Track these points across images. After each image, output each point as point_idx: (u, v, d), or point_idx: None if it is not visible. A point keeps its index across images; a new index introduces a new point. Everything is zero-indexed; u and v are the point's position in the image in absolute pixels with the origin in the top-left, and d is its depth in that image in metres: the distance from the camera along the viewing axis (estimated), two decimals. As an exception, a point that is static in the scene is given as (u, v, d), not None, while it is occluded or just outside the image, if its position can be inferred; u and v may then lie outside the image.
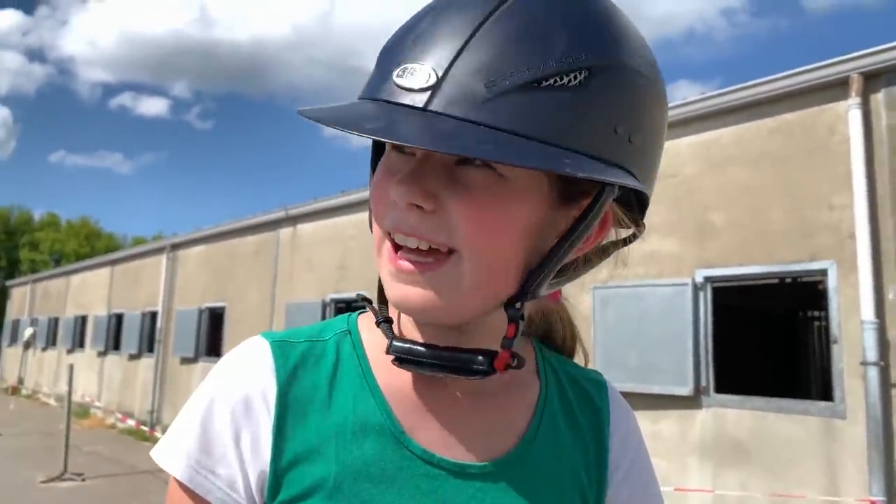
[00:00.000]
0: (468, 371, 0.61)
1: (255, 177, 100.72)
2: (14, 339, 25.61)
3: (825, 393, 5.13)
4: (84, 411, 15.36)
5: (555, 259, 0.60)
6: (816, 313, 9.68)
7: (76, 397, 11.69)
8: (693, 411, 5.72)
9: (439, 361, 0.62)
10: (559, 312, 0.79)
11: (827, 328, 5.25)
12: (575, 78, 0.54)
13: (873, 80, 5.07)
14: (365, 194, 9.56)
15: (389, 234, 0.60)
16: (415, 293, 0.59)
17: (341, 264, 9.90)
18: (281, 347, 0.65)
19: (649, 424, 5.80)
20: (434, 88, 0.53)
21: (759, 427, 5.28)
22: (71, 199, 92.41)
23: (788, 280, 6.70)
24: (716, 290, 5.84)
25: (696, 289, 5.80)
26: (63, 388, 11.75)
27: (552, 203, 0.60)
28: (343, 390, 0.65)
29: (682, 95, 8.19)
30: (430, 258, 0.58)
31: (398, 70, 0.55)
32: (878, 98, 5.06)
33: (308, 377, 0.65)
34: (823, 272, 5.18)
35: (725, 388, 5.77)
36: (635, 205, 0.66)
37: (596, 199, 0.59)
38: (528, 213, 0.59)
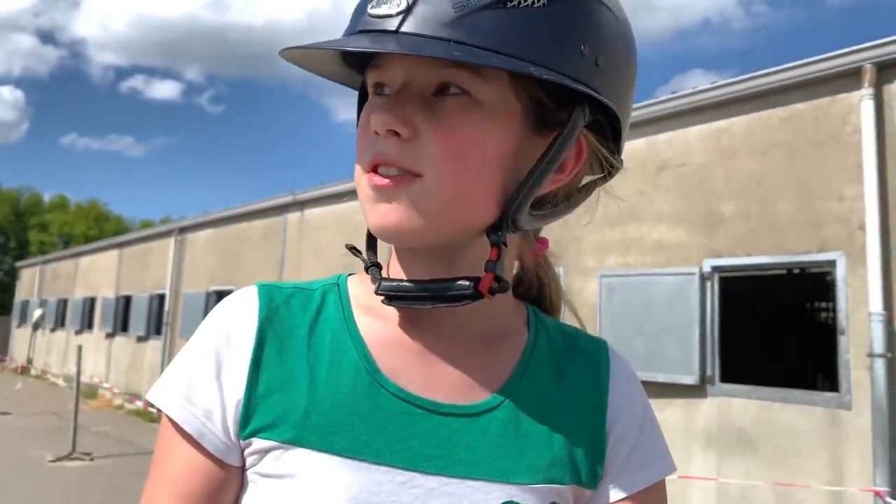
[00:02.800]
0: (454, 297, 0.62)
1: (264, 161, 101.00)
2: (23, 320, 25.80)
3: (831, 384, 5.13)
4: (92, 392, 15.50)
5: (530, 182, 0.61)
6: (824, 304, 9.66)
7: (84, 378, 11.78)
8: (698, 400, 5.73)
9: (425, 293, 0.63)
10: (546, 269, 0.79)
11: (834, 319, 5.24)
12: (539, 0, 0.57)
13: (886, 70, 5.02)
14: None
15: (370, 171, 0.62)
16: (390, 211, 0.60)
17: (348, 249, 9.91)
18: (268, 290, 0.69)
19: (655, 412, 5.80)
20: (406, 12, 0.57)
21: (765, 417, 5.29)
22: (81, 182, 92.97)
23: (797, 271, 6.69)
24: (723, 280, 5.83)
25: (704, 278, 5.80)
26: (71, 368, 11.85)
27: (527, 131, 0.62)
28: (322, 332, 0.66)
29: (693, 85, 8.14)
30: (402, 179, 0.61)
31: (373, 2, 0.59)
32: (891, 89, 5.02)
33: (289, 317, 0.67)
34: (832, 263, 5.16)
35: (731, 378, 5.78)
36: (610, 136, 0.67)
37: (567, 121, 0.61)
38: (502, 139, 0.61)
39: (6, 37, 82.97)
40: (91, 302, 19.32)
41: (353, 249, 0.74)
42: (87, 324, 19.23)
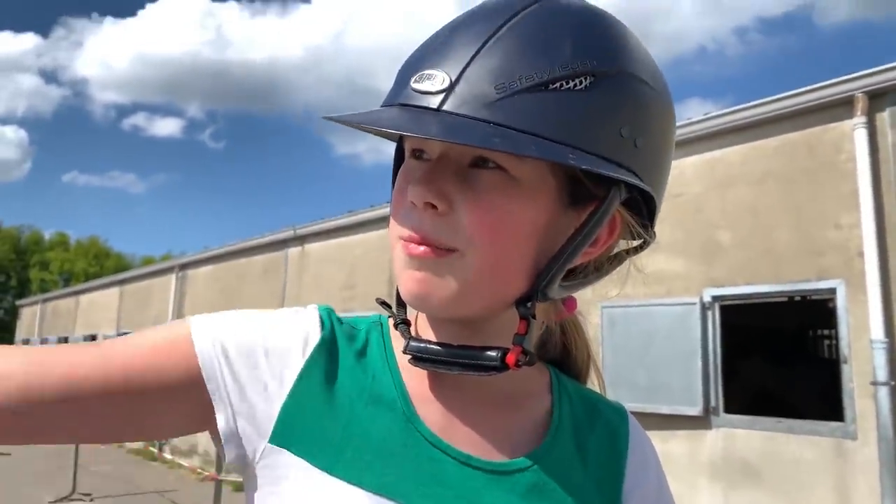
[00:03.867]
0: (480, 366, 0.62)
1: (265, 196, 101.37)
2: (23, 359, 25.66)
3: (835, 413, 5.09)
4: (92, 431, 15.35)
5: (563, 257, 0.61)
6: (826, 332, 9.62)
7: (84, 417, 11.69)
8: (703, 431, 5.68)
9: (453, 358, 0.63)
10: (575, 330, 0.79)
11: (837, 347, 5.22)
12: (581, 83, 0.57)
13: (878, 98, 5.09)
14: (372, 214, 9.60)
15: (402, 240, 0.62)
16: (424, 281, 0.61)
17: (349, 283, 9.93)
18: (328, 313, 0.70)
19: (659, 444, 5.73)
20: (448, 91, 0.57)
21: (770, 448, 5.24)
22: (82, 220, 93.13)
23: (797, 298, 6.68)
24: (724, 309, 5.83)
25: (705, 308, 5.79)
26: (71, 407, 11.75)
27: (561, 206, 0.62)
28: (366, 366, 0.67)
29: (691, 114, 8.23)
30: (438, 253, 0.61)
31: (416, 76, 0.59)
32: (884, 117, 5.07)
33: (343, 345, 0.68)
34: (832, 291, 5.16)
35: (735, 408, 5.73)
36: (644, 212, 0.67)
37: (603, 200, 0.61)
38: (537, 214, 0.61)
39: (10, 77, 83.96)
40: (92, 339, 19.26)
41: (384, 304, 0.74)
42: (87, 362, 19.14)
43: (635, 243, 0.71)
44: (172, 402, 0.62)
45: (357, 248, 9.91)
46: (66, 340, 21.41)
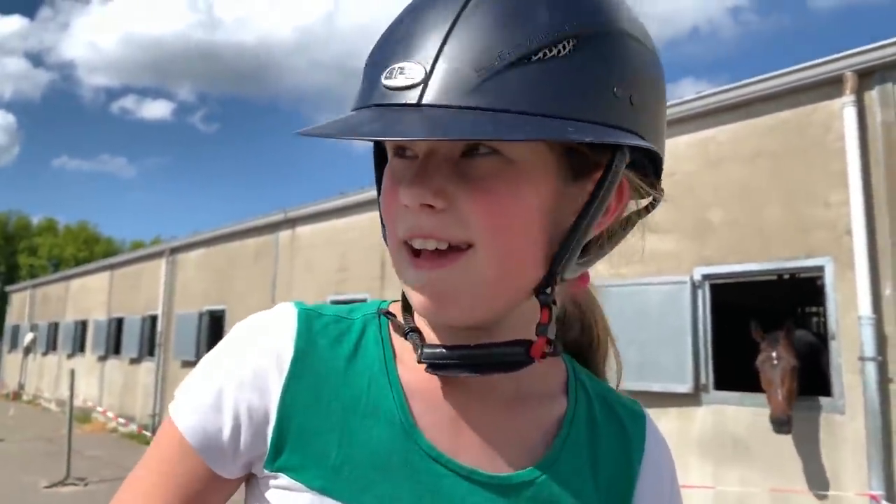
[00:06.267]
0: (505, 365, 0.60)
1: (256, 179, 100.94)
2: (14, 345, 25.60)
3: (824, 388, 5.16)
4: (85, 416, 15.36)
5: (577, 236, 0.58)
6: (815, 309, 9.71)
7: (77, 402, 11.70)
8: (693, 408, 5.75)
9: (474, 361, 0.60)
10: (592, 304, 0.76)
11: (825, 324, 5.28)
12: (564, 48, 0.53)
13: (867, 77, 5.10)
14: (364, 196, 9.57)
15: (406, 242, 0.59)
16: (440, 295, 0.57)
17: (341, 266, 9.92)
18: (307, 316, 0.65)
19: (649, 422, 5.82)
20: (424, 82, 0.52)
21: (759, 423, 5.31)
22: (72, 204, 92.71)
23: (786, 276, 6.74)
24: (714, 288, 5.87)
25: (695, 286, 5.83)
26: (64, 393, 11.76)
27: (565, 181, 0.59)
28: (360, 371, 0.63)
29: (683, 93, 8.23)
30: (449, 256, 0.57)
31: (386, 72, 0.54)
32: (872, 95, 5.09)
33: (328, 350, 0.63)
34: (820, 269, 5.21)
35: (725, 385, 5.80)
36: (650, 169, 0.64)
37: (608, 168, 0.58)
38: (542, 194, 0.57)
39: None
40: (83, 325, 19.19)
41: (388, 314, 0.68)
42: (78, 347, 19.10)
43: (644, 202, 0.68)
44: (209, 495, 0.63)
45: (349, 231, 9.89)
46: (56, 326, 21.33)
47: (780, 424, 4.67)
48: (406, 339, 0.65)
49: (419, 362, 0.62)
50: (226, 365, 0.63)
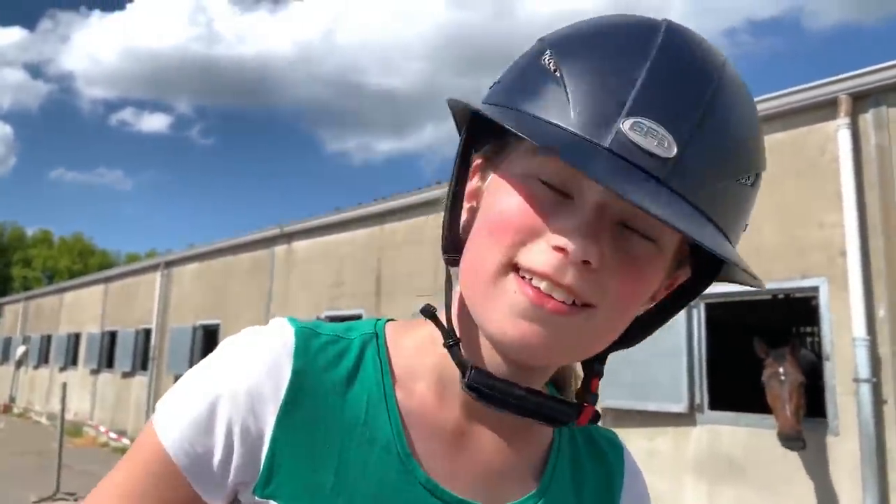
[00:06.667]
0: (550, 420, 0.61)
1: (252, 194, 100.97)
2: (6, 357, 25.43)
3: (818, 409, 5.16)
4: (77, 430, 15.24)
5: (663, 321, 0.64)
6: (809, 329, 9.73)
7: (69, 416, 11.62)
8: (688, 428, 5.73)
9: (523, 405, 0.60)
10: None
11: (820, 345, 5.29)
12: (748, 178, 0.58)
13: (861, 100, 5.16)
14: (360, 212, 9.59)
15: (517, 267, 0.56)
16: (546, 337, 0.56)
17: (336, 281, 9.92)
18: (304, 335, 0.63)
19: (644, 442, 5.82)
20: (675, 163, 0.52)
21: (754, 444, 5.31)
22: (68, 216, 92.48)
23: (781, 297, 6.75)
24: (709, 307, 5.89)
25: (690, 306, 5.84)
26: (55, 406, 11.66)
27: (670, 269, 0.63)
28: (358, 394, 0.62)
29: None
30: (573, 307, 0.57)
31: (632, 123, 0.52)
32: (867, 118, 5.14)
33: (326, 371, 0.62)
34: (815, 289, 5.23)
35: (720, 405, 5.79)
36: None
37: (709, 276, 0.64)
38: (663, 278, 0.61)
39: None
40: (76, 338, 19.10)
41: (431, 315, 0.64)
42: (71, 360, 18.99)
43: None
44: None
45: (344, 246, 9.90)
46: (49, 339, 21.21)
47: (791, 440, 4.61)
48: (449, 351, 0.62)
49: (465, 385, 0.59)
50: (219, 381, 0.60)
